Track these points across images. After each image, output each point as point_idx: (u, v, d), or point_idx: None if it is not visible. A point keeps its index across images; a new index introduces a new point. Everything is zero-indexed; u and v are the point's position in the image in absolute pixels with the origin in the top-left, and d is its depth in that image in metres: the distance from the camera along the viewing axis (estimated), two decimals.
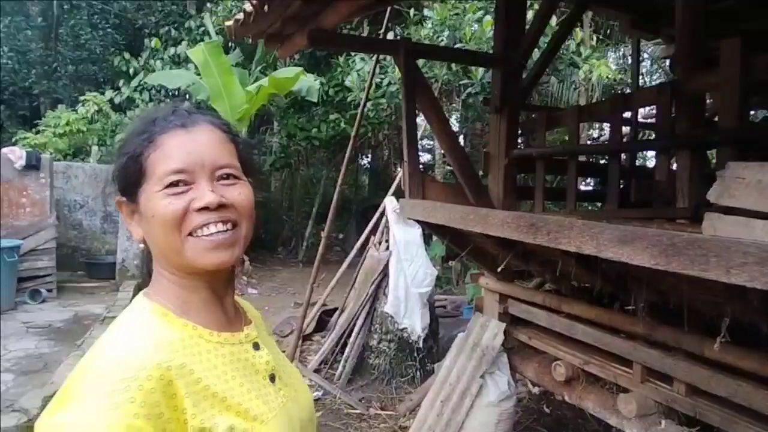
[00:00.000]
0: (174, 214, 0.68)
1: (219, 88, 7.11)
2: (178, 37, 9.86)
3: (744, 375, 1.75)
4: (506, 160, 2.88)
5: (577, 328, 2.43)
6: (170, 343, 0.67)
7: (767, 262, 1.07)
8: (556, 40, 3.11)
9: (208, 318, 0.73)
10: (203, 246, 0.69)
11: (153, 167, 0.70)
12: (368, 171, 13.63)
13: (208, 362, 0.68)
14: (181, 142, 0.71)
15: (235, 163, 0.75)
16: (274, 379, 0.76)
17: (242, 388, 0.69)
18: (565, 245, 1.54)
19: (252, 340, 0.77)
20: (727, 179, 1.20)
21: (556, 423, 3.59)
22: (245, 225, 0.73)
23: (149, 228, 0.71)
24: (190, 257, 0.69)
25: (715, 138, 1.94)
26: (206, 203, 0.68)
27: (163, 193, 0.69)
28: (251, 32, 2.60)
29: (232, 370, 0.70)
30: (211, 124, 0.75)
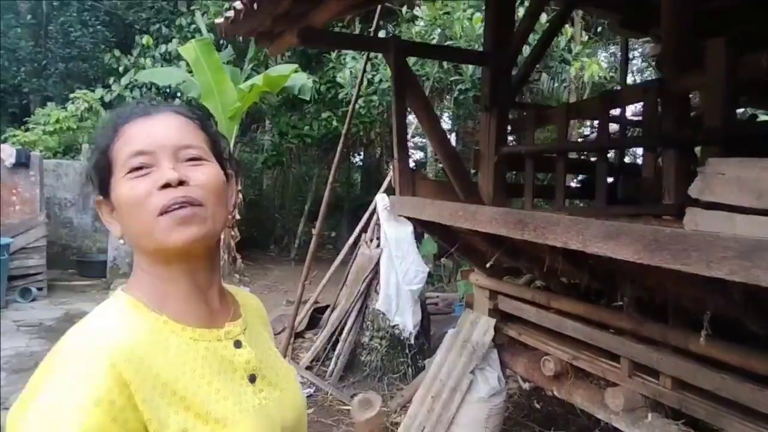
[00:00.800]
0: (137, 197, 0.67)
1: (210, 86, 7.07)
2: (169, 34, 9.78)
3: (729, 369, 1.78)
4: (496, 158, 2.90)
5: (566, 324, 2.46)
6: (133, 337, 0.64)
7: (747, 255, 1.09)
8: (546, 38, 3.13)
9: (186, 312, 0.71)
10: (170, 223, 0.67)
11: (117, 156, 0.70)
12: (360, 169, 13.62)
13: (175, 358, 0.66)
14: (141, 127, 0.71)
15: (200, 145, 0.73)
16: (255, 379, 0.73)
17: (210, 388, 0.67)
18: (552, 240, 1.56)
19: (233, 337, 0.74)
20: (708, 175, 1.22)
21: (546, 418, 3.62)
22: (212, 204, 0.71)
23: (121, 218, 0.71)
24: (159, 238, 0.67)
25: (701, 136, 1.97)
26: (168, 179, 0.67)
27: (126, 178, 0.69)
28: (242, 30, 2.59)
29: (203, 367, 0.68)
30: (174, 111, 0.75)
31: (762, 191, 1.12)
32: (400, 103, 2.63)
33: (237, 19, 2.33)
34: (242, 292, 0.88)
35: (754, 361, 1.68)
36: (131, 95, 9.45)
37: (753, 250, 1.08)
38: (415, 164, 9.94)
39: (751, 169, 1.14)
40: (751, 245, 1.08)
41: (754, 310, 1.43)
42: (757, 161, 1.14)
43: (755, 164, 1.12)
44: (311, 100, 8.35)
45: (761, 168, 1.12)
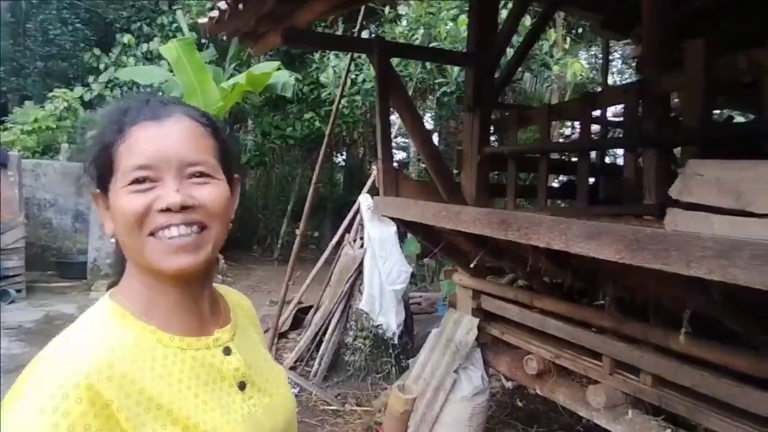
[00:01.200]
0: (134, 213, 0.64)
1: (193, 86, 6.99)
2: (151, 33, 9.63)
3: (707, 366, 1.81)
4: (479, 158, 2.91)
5: (548, 323, 2.48)
6: (116, 352, 0.62)
7: (725, 255, 1.10)
8: (529, 40, 3.16)
9: (174, 321, 0.69)
10: (164, 249, 0.65)
11: (120, 160, 0.66)
12: (343, 169, 13.58)
13: (162, 368, 0.65)
14: (149, 135, 0.67)
15: (208, 160, 0.69)
16: (244, 386, 0.72)
17: (197, 399, 0.66)
18: (535, 240, 1.56)
19: (222, 344, 0.72)
20: (688, 176, 1.24)
21: (529, 417, 3.65)
22: (215, 226, 0.68)
23: (115, 224, 0.68)
24: (149, 259, 0.65)
25: (680, 137, 2.00)
26: (168, 204, 0.64)
27: (126, 189, 0.65)
28: (225, 30, 2.56)
29: (190, 378, 0.66)
30: (187, 115, 0.70)
31: (739, 192, 1.14)
32: (383, 103, 2.62)
33: (221, 19, 2.29)
34: (232, 293, 0.86)
35: (733, 359, 1.71)
36: (111, 94, 9.29)
37: (730, 249, 1.10)
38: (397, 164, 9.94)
39: (729, 171, 1.16)
40: (729, 245, 1.10)
41: (732, 309, 1.45)
42: (734, 163, 1.16)
43: (733, 166, 1.14)
44: (294, 100, 8.30)
45: (739, 169, 1.14)
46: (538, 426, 3.45)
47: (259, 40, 2.73)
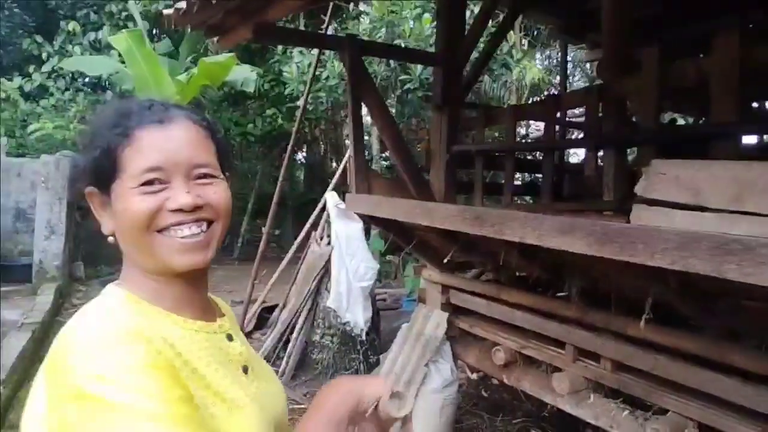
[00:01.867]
0: (146, 213, 0.67)
1: (146, 78, 6.72)
2: (99, 21, 9.16)
3: (662, 350, 1.95)
4: (447, 156, 2.98)
5: (515, 315, 2.58)
6: (151, 323, 0.66)
7: (685, 247, 1.21)
8: (493, 42, 3.26)
9: (182, 308, 0.73)
10: (175, 247, 0.68)
11: (127, 162, 0.69)
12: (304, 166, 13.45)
13: (189, 345, 0.68)
14: (157, 138, 0.70)
15: (212, 161, 0.74)
16: (247, 370, 0.76)
17: (218, 374, 0.69)
18: (509, 236, 1.64)
19: (225, 332, 0.77)
20: (651, 175, 1.34)
21: (494, 406, 3.78)
22: (221, 224, 0.74)
23: (120, 224, 0.70)
24: (159, 256, 0.69)
25: (637, 137, 2.14)
26: (181, 205, 0.68)
27: (137, 190, 0.68)
28: (191, 22, 2.50)
29: (209, 355, 0.70)
30: (189, 119, 0.74)
31: (697, 189, 1.25)
32: (355, 101, 2.64)
33: (189, 11, 2.24)
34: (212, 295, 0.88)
35: (684, 342, 1.85)
36: (55, 85, 8.78)
37: (690, 241, 1.20)
38: None
39: (688, 170, 1.26)
40: (689, 237, 1.21)
41: (687, 296, 1.58)
42: (692, 163, 1.27)
43: (691, 165, 1.25)
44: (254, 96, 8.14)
45: (696, 169, 1.24)
46: (503, 414, 3.59)
47: (227, 34, 2.68)
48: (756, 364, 1.63)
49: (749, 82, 1.88)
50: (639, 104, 2.17)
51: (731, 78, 1.73)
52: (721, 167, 1.20)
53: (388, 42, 5.97)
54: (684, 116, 5.98)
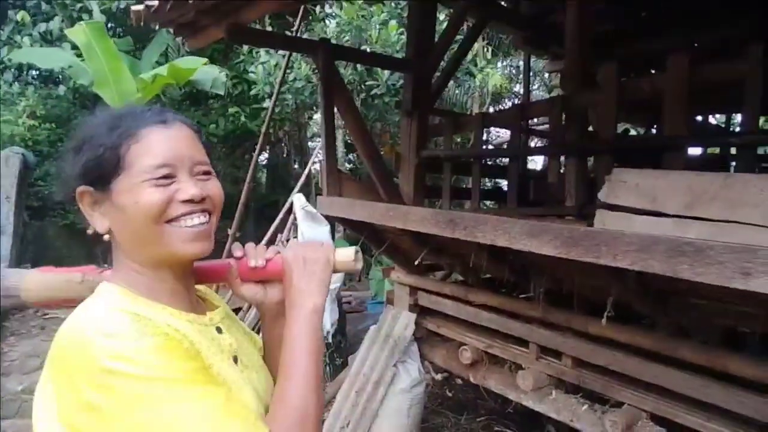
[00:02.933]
0: (159, 203, 0.72)
1: (105, 74, 6.47)
2: (51, 11, 8.72)
3: (619, 346, 2.08)
4: (416, 161, 3.05)
5: (481, 315, 2.67)
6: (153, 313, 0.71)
7: (644, 249, 1.31)
8: (461, 51, 3.37)
9: (175, 302, 0.77)
10: (184, 236, 0.74)
11: (133, 159, 0.73)
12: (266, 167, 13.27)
13: (190, 332, 0.73)
14: (162, 137, 0.75)
15: (207, 159, 0.81)
16: (237, 360, 0.81)
17: (217, 358, 0.75)
18: (481, 238, 1.71)
19: (215, 324, 0.82)
20: (613, 182, 1.44)
21: (458, 405, 3.87)
22: (217, 215, 0.80)
23: (125, 217, 0.73)
24: (168, 246, 0.73)
25: (598, 147, 2.27)
26: (192, 195, 0.73)
27: (147, 184, 0.72)
28: (162, 20, 2.46)
29: (203, 343, 0.74)
30: (184, 122, 0.80)
31: (655, 196, 1.36)
32: (327, 105, 2.67)
33: (161, 9, 2.20)
34: (204, 289, 0.93)
35: (639, 338, 1.98)
36: (2, 78, 8.29)
37: (649, 244, 1.31)
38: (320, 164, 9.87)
39: (647, 178, 1.37)
40: (648, 240, 1.31)
41: (643, 295, 1.70)
42: (651, 172, 1.38)
43: (650, 174, 1.36)
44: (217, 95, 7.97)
45: (654, 177, 1.35)
46: (467, 413, 3.68)
47: (199, 33, 2.65)
48: (702, 358, 1.77)
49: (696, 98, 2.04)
50: (598, 116, 2.31)
51: (682, 95, 1.88)
52: (676, 176, 1.32)
53: (355, 46, 6.01)
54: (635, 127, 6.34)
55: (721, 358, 1.70)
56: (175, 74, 6.20)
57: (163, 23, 2.58)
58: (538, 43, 3.75)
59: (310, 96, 6.64)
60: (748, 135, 1.83)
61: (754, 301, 1.36)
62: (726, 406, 1.69)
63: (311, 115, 10.74)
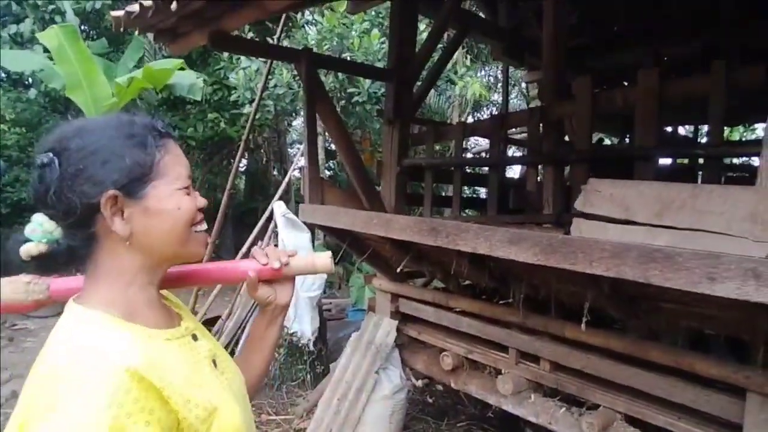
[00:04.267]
0: (194, 209, 0.80)
1: (78, 77, 6.34)
2: (21, 13, 8.52)
3: (593, 350, 2.15)
4: (398, 169, 3.10)
5: (462, 321, 2.71)
6: (130, 343, 0.69)
7: (618, 255, 1.37)
8: (442, 60, 3.44)
9: (153, 317, 0.78)
10: (201, 239, 0.83)
11: (167, 168, 0.78)
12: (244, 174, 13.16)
13: (165, 359, 0.72)
14: (178, 149, 0.82)
15: None
16: (216, 363, 0.83)
17: (195, 377, 0.75)
18: (463, 246, 1.76)
19: (191, 332, 0.83)
20: (589, 192, 1.51)
21: (439, 411, 3.91)
22: None
23: (159, 221, 0.76)
24: (191, 248, 0.81)
25: (574, 156, 2.35)
26: (203, 204, 0.83)
27: (182, 192, 0.78)
28: (142, 25, 2.45)
29: (181, 362, 0.75)
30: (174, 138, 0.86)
31: (627, 205, 1.42)
32: (310, 113, 2.69)
33: (142, 14, 2.20)
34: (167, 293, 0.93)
35: (612, 341, 2.05)
36: None
37: (621, 251, 1.37)
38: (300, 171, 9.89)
39: (619, 188, 1.44)
40: (621, 248, 1.37)
41: (616, 300, 1.77)
42: (623, 182, 1.45)
43: (623, 184, 1.42)
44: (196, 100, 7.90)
45: (627, 187, 1.42)
46: (447, 419, 3.71)
47: (180, 39, 2.65)
48: (670, 359, 1.84)
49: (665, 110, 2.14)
50: (574, 126, 2.39)
51: (651, 107, 1.97)
52: (646, 187, 1.39)
53: (337, 54, 6.06)
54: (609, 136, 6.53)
55: (688, 359, 1.77)
56: (151, 77, 6.13)
57: (143, 29, 2.56)
58: (516, 54, 3.86)
59: (290, 103, 6.64)
60: (712, 147, 1.93)
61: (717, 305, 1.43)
62: (694, 405, 1.76)
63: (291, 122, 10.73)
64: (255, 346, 1.00)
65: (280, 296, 0.96)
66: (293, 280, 0.98)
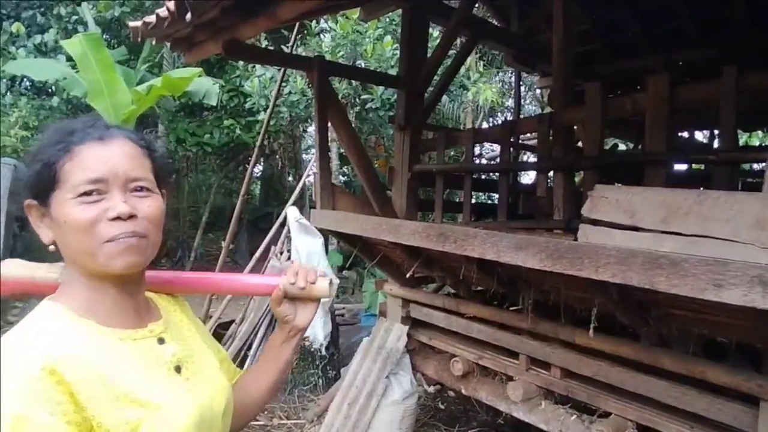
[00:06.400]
0: (86, 221, 0.73)
1: (99, 85, 6.51)
2: (45, 23, 8.80)
3: (603, 357, 2.13)
4: (409, 175, 3.12)
5: (472, 327, 2.71)
6: (70, 341, 0.70)
7: (623, 261, 1.37)
8: (453, 67, 3.46)
9: (113, 316, 0.78)
10: (115, 250, 0.74)
11: (67, 175, 0.74)
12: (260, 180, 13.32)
13: (108, 356, 0.73)
14: (97, 153, 0.76)
15: (148, 177, 0.80)
16: (180, 369, 0.81)
17: (144, 380, 0.74)
18: (470, 252, 1.77)
19: (157, 335, 0.82)
20: (595, 198, 1.51)
21: (450, 417, 3.89)
22: (153, 235, 0.79)
23: (62, 232, 0.75)
24: (101, 260, 0.74)
25: (584, 162, 2.35)
26: (119, 213, 0.74)
27: (76, 201, 0.73)
28: (158, 35, 2.52)
29: (131, 363, 0.75)
30: (127, 138, 0.80)
31: (633, 212, 1.42)
32: (322, 119, 2.73)
33: (159, 25, 2.27)
34: (164, 297, 0.94)
35: (623, 348, 2.03)
36: None
37: (627, 257, 1.37)
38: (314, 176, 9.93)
39: (626, 194, 1.44)
40: (627, 254, 1.37)
41: (625, 306, 1.76)
42: (629, 188, 1.45)
43: (629, 190, 1.42)
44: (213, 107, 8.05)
45: (633, 194, 1.42)
46: (459, 425, 3.70)
47: (195, 48, 2.71)
48: (681, 367, 1.82)
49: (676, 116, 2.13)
50: (584, 133, 2.39)
51: (661, 113, 1.96)
52: (652, 192, 1.38)
53: (350, 60, 6.12)
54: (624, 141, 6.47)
55: (700, 367, 1.75)
56: (170, 86, 6.27)
57: (160, 38, 2.64)
58: (527, 60, 3.86)
59: (305, 109, 6.73)
60: (725, 152, 1.91)
61: (726, 312, 1.42)
62: (707, 414, 1.74)
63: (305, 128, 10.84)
64: (267, 365, 1.01)
65: (300, 318, 0.95)
66: (316, 304, 0.96)
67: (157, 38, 2.81)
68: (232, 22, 2.33)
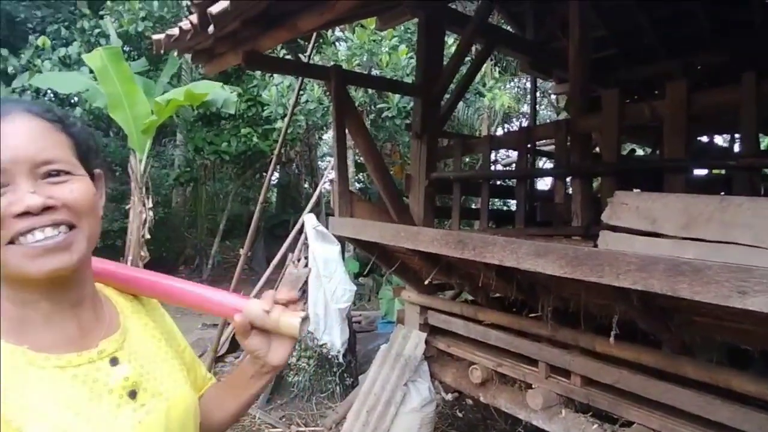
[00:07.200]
0: None
1: (119, 97, 6.68)
2: (70, 37, 9.08)
3: (624, 364, 2.11)
4: (426, 182, 3.14)
5: (491, 334, 2.71)
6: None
7: (644, 268, 1.37)
8: (469, 75, 3.48)
9: (50, 337, 0.64)
10: (29, 253, 0.60)
11: None
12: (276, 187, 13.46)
13: (34, 392, 0.60)
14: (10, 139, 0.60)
15: (64, 157, 0.65)
16: (135, 394, 0.68)
17: (79, 418, 0.62)
18: (490, 259, 1.78)
19: (109, 355, 0.68)
20: (615, 204, 1.51)
21: (468, 425, 3.87)
22: (85, 224, 0.65)
23: None
24: (13, 267, 0.60)
25: (601, 169, 2.34)
26: (27, 207, 0.59)
27: None
28: (180, 47, 2.59)
29: (69, 397, 0.62)
30: (27, 112, 0.64)
31: (654, 218, 1.42)
32: (339, 128, 2.77)
33: (182, 37, 2.33)
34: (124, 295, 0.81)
35: (645, 356, 2.01)
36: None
37: (648, 264, 1.37)
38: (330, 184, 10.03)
39: (646, 201, 1.44)
40: (648, 260, 1.37)
41: (647, 313, 1.75)
42: (649, 195, 1.44)
43: (649, 197, 1.42)
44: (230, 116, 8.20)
45: (653, 200, 1.42)
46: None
47: (215, 59, 2.78)
48: (704, 375, 1.80)
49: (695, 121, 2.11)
50: (602, 139, 2.38)
51: (680, 119, 1.95)
52: (673, 199, 1.38)
53: (366, 69, 6.19)
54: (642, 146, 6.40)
55: (723, 375, 1.73)
56: (190, 98, 6.41)
57: (182, 50, 2.71)
58: (543, 67, 3.86)
59: (321, 117, 6.81)
60: (746, 157, 1.89)
61: (751, 319, 1.41)
62: (732, 423, 1.71)
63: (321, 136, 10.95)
64: (233, 391, 0.85)
65: (273, 355, 0.77)
66: (293, 341, 0.78)
67: (179, 50, 2.89)
68: (252, 33, 2.38)
